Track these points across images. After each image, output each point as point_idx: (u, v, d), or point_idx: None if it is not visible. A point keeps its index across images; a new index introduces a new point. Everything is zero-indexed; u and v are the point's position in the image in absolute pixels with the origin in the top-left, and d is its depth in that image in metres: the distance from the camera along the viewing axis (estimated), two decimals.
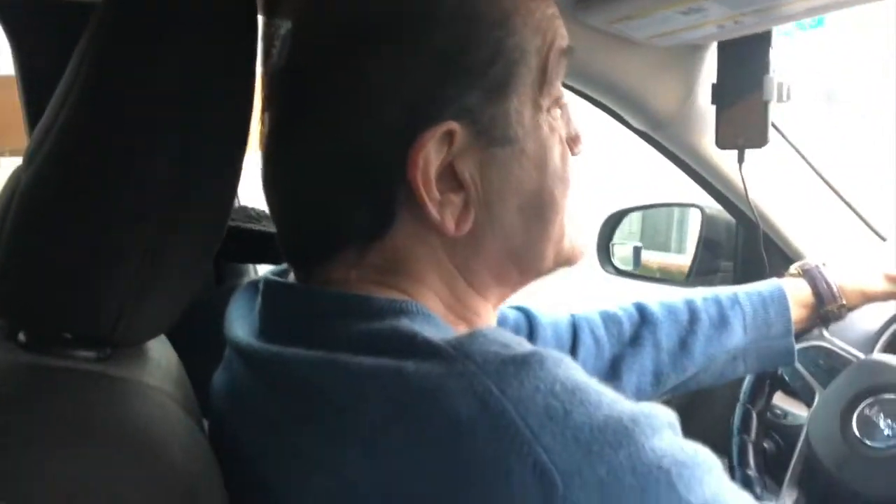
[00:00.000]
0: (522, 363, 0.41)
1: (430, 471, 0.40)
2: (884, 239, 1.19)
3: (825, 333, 0.93)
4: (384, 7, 0.48)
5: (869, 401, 0.85)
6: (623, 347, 0.84)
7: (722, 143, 0.98)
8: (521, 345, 0.43)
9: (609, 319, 0.86)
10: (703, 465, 0.41)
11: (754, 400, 1.01)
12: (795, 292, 0.87)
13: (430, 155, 0.47)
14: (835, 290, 0.88)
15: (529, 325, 0.83)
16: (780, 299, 0.86)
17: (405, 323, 0.45)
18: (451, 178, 0.49)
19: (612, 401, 0.41)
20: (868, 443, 0.82)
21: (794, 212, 1.14)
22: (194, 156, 0.46)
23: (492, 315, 0.56)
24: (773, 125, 1.09)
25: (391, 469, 0.41)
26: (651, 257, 1.51)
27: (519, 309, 0.86)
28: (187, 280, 0.50)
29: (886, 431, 0.81)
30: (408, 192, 0.48)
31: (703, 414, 1.33)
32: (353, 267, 0.50)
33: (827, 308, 0.88)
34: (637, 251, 1.45)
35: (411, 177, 0.47)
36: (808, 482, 0.89)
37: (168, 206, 0.46)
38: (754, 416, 1.00)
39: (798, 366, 0.96)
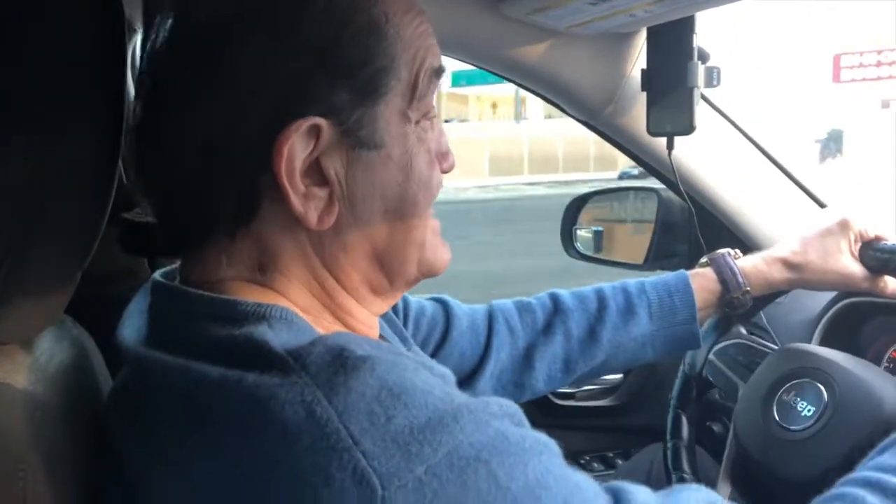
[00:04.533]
0: (353, 369, 0.43)
1: (261, 478, 0.42)
2: (823, 206, 1.19)
3: (742, 330, 0.96)
4: None
5: (786, 386, 0.86)
6: (536, 336, 0.88)
7: (652, 129, 0.98)
8: (360, 349, 0.45)
9: (524, 309, 0.89)
10: (530, 450, 0.44)
11: (695, 370, 1.01)
12: (702, 280, 0.90)
13: (296, 147, 0.48)
14: (739, 278, 0.90)
15: (446, 316, 0.86)
16: (685, 288, 0.89)
17: (261, 330, 0.47)
18: (316, 173, 0.50)
19: (439, 399, 0.43)
20: (788, 426, 0.83)
21: (737, 190, 1.14)
22: (51, 155, 0.46)
23: (368, 318, 0.58)
24: (714, 106, 1.09)
25: (228, 475, 0.44)
26: None
27: (437, 300, 0.89)
28: (58, 282, 0.51)
29: (804, 412, 0.82)
30: (272, 181, 0.49)
31: (658, 394, 1.34)
32: (224, 260, 0.52)
33: (732, 295, 0.90)
34: (598, 235, 1.45)
35: (276, 167, 0.48)
36: (740, 474, 0.90)
37: (25, 210, 0.46)
38: (694, 387, 1.01)
39: (719, 364, 0.99)
